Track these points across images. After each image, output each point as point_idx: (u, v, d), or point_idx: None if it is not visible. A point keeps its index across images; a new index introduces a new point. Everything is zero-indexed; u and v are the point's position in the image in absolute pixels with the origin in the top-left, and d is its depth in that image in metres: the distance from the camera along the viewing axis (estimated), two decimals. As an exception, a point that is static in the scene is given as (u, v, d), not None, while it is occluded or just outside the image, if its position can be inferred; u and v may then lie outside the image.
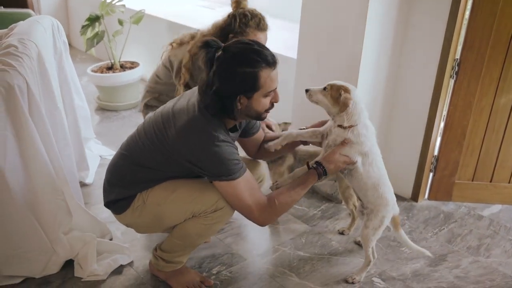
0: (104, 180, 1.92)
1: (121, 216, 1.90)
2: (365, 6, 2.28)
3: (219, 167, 1.68)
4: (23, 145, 1.87)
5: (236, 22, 2.25)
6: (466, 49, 2.41)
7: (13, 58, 1.86)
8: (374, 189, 1.92)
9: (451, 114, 2.54)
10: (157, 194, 1.81)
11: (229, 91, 1.64)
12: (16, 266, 1.97)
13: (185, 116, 1.70)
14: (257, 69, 1.61)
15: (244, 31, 2.23)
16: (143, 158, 1.78)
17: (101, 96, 3.87)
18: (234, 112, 1.69)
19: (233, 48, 1.64)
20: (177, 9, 4.57)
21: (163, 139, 1.72)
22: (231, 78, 1.62)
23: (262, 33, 2.28)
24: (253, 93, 1.65)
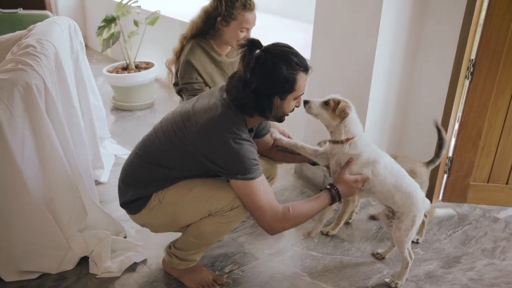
0: (119, 180, 1.94)
1: (136, 216, 1.91)
2: (379, 7, 2.27)
3: (238, 165, 1.69)
4: (40, 143, 1.91)
5: (222, 5, 2.23)
6: (481, 49, 2.39)
7: (31, 58, 1.90)
8: (399, 191, 1.89)
9: (466, 114, 2.52)
10: (173, 193, 1.82)
11: (268, 91, 1.69)
12: (33, 262, 2.01)
13: (207, 114, 1.72)
14: (296, 71, 1.68)
15: (232, 13, 2.21)
16: (160, 157, 1.80)
17: (116, 96, 3.92)
18: (271, 111, 1.73)
19: (275, 49, 1.69)
20: (192, 10, 4.59)
21: (183, 137, 1.74)
22: (273, 78, 1.66)
23: (250, 13, 2.25)
24: (288, 94, 1.71)
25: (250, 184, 1.71)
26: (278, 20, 4.20)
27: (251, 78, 1.66)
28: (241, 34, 2.28)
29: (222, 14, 2.23)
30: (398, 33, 2.42)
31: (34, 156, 1.90)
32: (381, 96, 2.52)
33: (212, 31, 2.32)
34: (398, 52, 2.48)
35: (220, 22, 2.25)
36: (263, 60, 1.65)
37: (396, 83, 2.56)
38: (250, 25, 2.28)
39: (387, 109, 2.60)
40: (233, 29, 2.26)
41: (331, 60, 2.60)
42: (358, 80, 2.48)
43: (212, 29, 2.31)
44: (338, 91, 2.55)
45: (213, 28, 2.30)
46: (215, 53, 2.36)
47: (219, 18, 2.25)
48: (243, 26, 2.25)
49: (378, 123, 2.59)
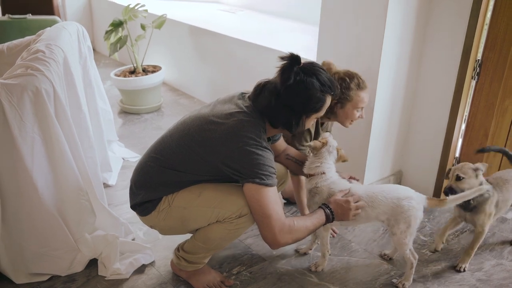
0: (131, 182, 1.94)
1: (146, 218, 1.93)
2: (384, 8, 2.28)
3: (257, 169, 1.70)
4: (49, 147, 1.93)
5: (337, 89, 2.12)
6: (488, 49, 2.39)
7: (41, 63, 1.92)
8: (376, 202, 1.95)
9: (473, 115, 2.52)
10: (183, 197, 1.84)
11: (300, 109, 1.75)
12: (43, 264, 2.04)
13: (230, 120, 1.74)
14: (327, 94, 1.78)
15: (348, 95, 2.16)
16: (175, 160, 1.81)
17: (124, 99, 3.95)
18: (298, 127, 1.79)
19: (312, 70, 1.75)
20: (198, 14, 4.64)
21: (202, 141, 1.75)
22: (307, 97, 1.73)
23: (364, 92, 2.20)
24: (314, 114, 1.81)
25: (264, 191, 1.72)
26: (284, 22, 4.21)
27: (285, 93, 1.71)
28: (357, 114, 2.22)
29: (338, 97, 2.13)
30: (403, 34, 2.42)
31: (44, 159, 1.92)
32: (387, 97, 2.52)
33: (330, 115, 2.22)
34: (404, 53, 2.48)
35: (335, 105, 2.17)
36: (301, 78, 1.70)
37: (403, 84, 2.57)
38: (365, 103, 2.22)
39: (393, 110, 2.60)
40: (349, 110, 2.20)
41: (337, 62, 2.60)
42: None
43: (330, 113, 2.20)
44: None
45: (331, 112, 2.20)
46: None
47: (334, 101, 2.15)
48: (359, 106, 2.20)
49: (385, 124, 2.60)
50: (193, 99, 4.23)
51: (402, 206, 1.92)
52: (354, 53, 2.49)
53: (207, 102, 4.05)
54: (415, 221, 1.94)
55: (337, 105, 2.20)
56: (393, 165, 2.78)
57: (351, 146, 2.50)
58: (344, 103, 2.19)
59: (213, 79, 4.01)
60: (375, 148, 2.59)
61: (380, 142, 2.62)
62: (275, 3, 4.56)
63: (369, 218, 1.98)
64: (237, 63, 3.71)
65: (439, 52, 2.48)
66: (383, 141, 2.65)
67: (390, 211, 1.94)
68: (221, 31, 3.84)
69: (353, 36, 2.48)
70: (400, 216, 1.93)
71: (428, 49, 2.52)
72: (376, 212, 1.95)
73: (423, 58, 2.55)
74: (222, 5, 5.13)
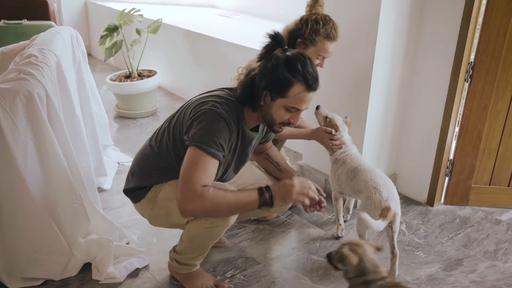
0: (129, 169, 1.99)
1: (137, 205, 1.97)
2: (377, 11, 2.29)
3: (201, 133, 1.64)
4: (42, 151, 1.93)
5: (307, 28, 2.19)
6: (480, 52, 2.40)
7: (33, 67, 1.93)
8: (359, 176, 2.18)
9: (466, 117, 2.53)
10: (168, 190, 1.85)
11: (261, 82, 1.69)
12: (36, 269, 2.03)
13: (209, 94, 1.80)
14: (294, 79, 1.64)
15: (314, 38, 2.17)
16: (165, 147, 1.83)
17: (119, 104, 3.96)
18: (258, 104, 1.73)
19: (291, 52, 1.69)
20: (194, 18, 4.65)
21: (184, 111, 1.79)
22: (270, 73, 1.66)
23: (331, 42, 2.19)
24: (278, 97, 1.68)
25: (199, 155, 1.62)
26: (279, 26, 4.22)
27: (259, 67, 1.71)
28: (316, 61, 2.24)
29: (304, 37, 2.20)
30: (396, 37, 2.43)
31: (37, 164, 1.92)
32: (381, 99, 2.53)
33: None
34: (397, 56, 2.49)
35: (299, 43, 2.22)
36: (275, 56, 1.67)
37: (396, 86, 2.58)
38: (327, 54, 2.24)
39: (387, 113, 2.61)
40: (310, 54, 2.20)
41: (331, 66, 2.61)
42: (358, 84, 2.50)
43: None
44: (338, 96, 2.59)
45: (293, 47, 2.25)
46: None
47: (299, 40, 2.22)
48: (320, 53, 2.22)
49: (379, 126, 2.60)
50: (189, 103, 4.23)
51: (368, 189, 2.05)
52: (347, 56, 2.50)
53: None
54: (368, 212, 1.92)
55: (301, 44, 2.21)
56: (388, 168, 2.79)
57: (345, 149, 2.50)
58: (307, 45, 2.20)
59: (209, 83, 4.01)
60: (369, 151, 2.60)
61: (374, 145, 2.63)
62: (270, 7, 4.58)
63: (354, 190, 2.19)
64: (232, 67, 3.68)
65: (432, 55, 2.49)
66: (377, 144, 2.66)
67: (362, 189, 2.10)
68: (216, 36, 3.85)
69: (346, 40, 2.48)
70: (363, 199, 2.07)
71: (421, 52, 2.53)
72: (358, 185, 2.13)
73: (416, 61, 2.56)
74: (218, 9, 5.15)
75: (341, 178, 2.27)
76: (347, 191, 2.27)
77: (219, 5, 5.24)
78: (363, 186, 2.11)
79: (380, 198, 1.99)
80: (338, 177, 2.28)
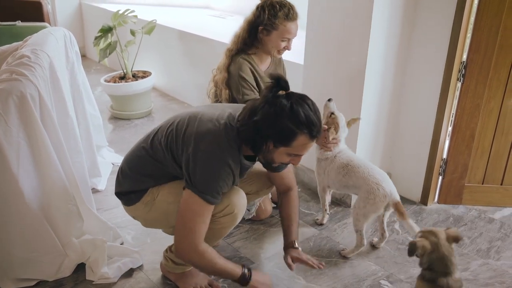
0: (118, 169, 1.96)
1: (130, 208, 1.94)
2: (369, 11, 2.30)
3: (204, 181, 1.67)
4: (35, 152, 1.93)
5: (265, 14, 2.22)
6: (472, 51, 2.42)
7: (26, 68, 1.93)
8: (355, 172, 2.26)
9: (459, 117, 2.54)
10: (168, 192, 1.84)
11: (265, 132, 1.63)
12: (30, 270, 2.03)
13: (209, 124, 1.71)
14: (299, 131, 1.61)
15: (274, 22, 2.20)
16: (160, 152, 1.81)
17: (114, 105, 3.96)
18: (261, 151, 1.70)
19: (296, 99, 1.63)
20: (188, 19, 4.66)
21: (179, 134, 1.75)
22: (274, 123, 1.61)
23: (292, 22, 2.23)
24: (281, 146, 1.66)
25: (202, 205, 1.69)
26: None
27: (259, 111, 1.63)
28: (282, 44, 2.27)
29: (264, 23, 2.23)
30: (389, 37, 2.44)
31: (30, 164, 1.92)
32: (374, 100, 2.54)
33: (256, 42, 2.32)
34: (390, 57, 2.51)
35: (261, 31, 2.24)
36: (279, 102, 1.60)
37: (389, 86, 2.59)
38: (291, 35, 2.27)
39: (380, 113, 2.62)
40: (274, 39, 2.25)
41: (324, 66, 2.63)
42: (351, 85, 2.51)
43: (255, 39, 2.31)
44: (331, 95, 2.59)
45: (256, 38, 2.30)
46: (257, 67, 2.38)
47: (260, 27, 2.24)
48: (284, 36, 2.24)
49: (372, 127, 2.62)
50: (184, 104, 4.24)
51: (370, 185, 2.12)
52: (340, 56, 2.51)
53: (197, 107, 4.00)
54: (370, 206, 2.12)
55: (263, 31, 2.23)
56: (382, 167, 2.76)
57: (339, 149, 2.51)
58: (269, 31, 2.23)
59: (204, 84, 3.96)
60: (363, 151, 2.60)
61: (368, 145, 2.64)
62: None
63: (347, 185, 2.25)
64: (226, 68, 3.71)
65: (425, 55, 2.51)
66: (371, 144, 2.67)
67: (361, 184, 2.16)
68: (211, 36, 3.86)
69: (340, 40, 2.50)
70: (363, 194, 2.14)
71: (414, 52, 2.54)
72: (352, 181, 2.20)
73: (409, 61, 2.58)
74: (212, 10, 5.15)
75: (330, 175, 2.29)
76: (337, 186, 2.32)
77: (213, 6, 5.25)
78: (361, 182, 2.16)
79: (384, 193, 2.11)
80: (328, 174, 2.31)
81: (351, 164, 2.22)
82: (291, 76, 2.70)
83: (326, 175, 2.33)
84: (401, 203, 2.13)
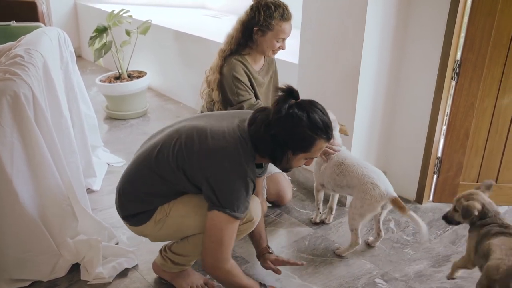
0: (118, 190, 1.87)
1: (139, 228, 1.87)
2: (364, 11, 2.30)
3: (233, 200, 1.68)
4: (29, 152, 1.92)
5: (261, 15, 2.23)
6: (466, 50, 2.42)
7: (19, 68, 1.92)
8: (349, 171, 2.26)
9: (454, 115, 2.55)
10: (180, 206, 1.81)
11: (285, 143, 1.67)
12: (24, 270, 2.02)
13: (223, 140, 1.69)
14: (317, 137, 1.66)
15: (269, 23, 2.21)
16: (166, 170, 1.75)
17: (109, 105, 3.95)
18: (281, 161, 1.72)
19: (308, 107, 1.65)
20: (184, 19, 4.65)
21: (191, 151, 1.70)
22: (294, 134, 1.65)
23: (287, 23, 2.25)
24: (300, 153, 1.71)
25: (231, 221, 1.69)
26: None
27: (274, 124, 1.64)
28: (277, 44, 2.28)
29: (260, 24, 2.23)
30: (383, 36, 2.45)
31: (24, 164, 1.91)
32: (369, 99, 2.54)
33: (250, 42, 2.32)
34: (385, 56, 2.51)
35: (256, 32, 2.25)
36: (293, 112, 1.62)
37: (384, 85, 2.59)
38: (286, 35, 2.28)
39: (375, 112, 2.63)
40: (269, 39, 2.26)
41: (319, 65, 2.63)
42: (346, 84, 2.51)
43: (250, 40, 2.32)
44: (326, 95, 2.60)
45: (251, 39, 2.31)
46: (251, 68, 2.38)
47: (255, 28, 2.25)
48: (279, 36, 2.25)
49: (367, 125, 2.62)
50: (179, 104, 4.24)
51: (365, 185, 2.12)
52: (335, 55, 2.52)
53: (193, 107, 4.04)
54: (367, 206, 2.12)
55: (258, 32, 2.23)
56: (377, 166, 2.75)
57: (334, 148, 2.51)
58: (265, 31, 2.23)
59: (199, 84, 3.98)
60: (358, 150, 2.61)
61: (363, 144, 2.65)
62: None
63: (341, 184, 2.24)
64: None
65: (419, 54, 2.51)
66: (366, 142, 2.67)
67: (355, 184, 2.16)
68: (206, 36, 3.86)
69: (334, 39, 2.50)
70: (359, 194, 2.13)
71: (408, 51, 2.55)
72: (346, 180, 2.19)
73: (404, 60, 2.58)
74: (208, 10, 5.15)
75: (325, 173, 2.30)
76: (331, 185, 2.31)
77: (209, 6, 5.25)
78: (355, 182, 2.16)
79: (380, 192, 2.11)
80: (323, 172, 2.31)
81: (346, 162, 2.22)
82: (286, 76, 2.72)
83: (322, 173, 2.33)
84: (399, 198, 2.13)
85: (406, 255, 2.27)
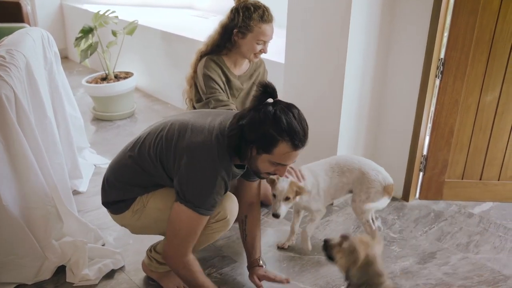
0: (104, 177, 1.92)
1: (118, 216, 1.92)
2: (348, 11, 2.31)
3: (196, 195, 1.68)
4: (12, 153, 1.90)
5: (240, 16, 2.22)
6: (450, 48, 2.45)
7: (1, 69, 1.90)
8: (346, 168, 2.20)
9: (438, 113, 2.57)
10: (158, 199, 1.83)
11: (249, 137, 1.64)
12: (8, 273, 2.00)
13: (201, 135, 1.70)
14: (280, 138, 1.61)
15: (248, 24, 2.19)
16: (147, 162, 1.79)
17: (96, 106, 3.92)
18: (245, 157, 1.70)
19: (281, 107, 1.62)
20: (171, 20, 4.63)
21: (169, 145, 1.73)
22: (257, 128, 1.62)
23: (267, 24, 2.23)
24: (263, 153, 1.66)
25: (193, 217, 1.69)
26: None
27: (245, 117, 1.65)
28: (258, 47, 2.26)
29: (239, 25, 2.21)
30: (368, 36, 2.46)
31: (6, 166, 1.89)
32: (354, 98, 2.55)
33: (229, 44, 2.30)
34: (370, 54, 2.52)
35: (236, 34, 2.23)
36: (265, 109, 1.61)
37: (369, 84, 2.61)
38: (267, 37, 2.25)
39: (361, 111, 2.64)
40: (249, 41, 2.24)
41: (304, 64, 2.64)
42: (331, 83, 2.52)
43: (229, 42, 2.29)
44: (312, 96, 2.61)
45: (230, 41, 2.29)
46: (227, 70, 2.36)
47: (235, 30, 2.23)
48: (260, 38, 2.23)
49: (353, 125, 2.63)
50: (167, 105, 4.22)
51: (368, 172, 2.12)
52: (320, 54, 2.53)
53: (181, 108, 4.01)
54: (374, 194, 2.11)
55: (238, 34, 2.22)
56: (363, 164, 2.81)
57: (321, 147, 2.52)
58: (244, 33, 2.22)
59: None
60: (344, 149, 2.62)
61: (349, 143, 2.66)
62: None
63: (341, 184, 2.18)
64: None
65: (404, 53, 2.53)
66: (352, 142, 2.68)
67: (357, 176, 2.14)
68: (193, 37, 3.84)
69: (319, 39, 2.51)
70: (363, 185, 2.12)
71: (392, 50, 2.57)
72: (346, 177, 2.15)
73: (389, 58, 2.60)
74: (195, 10, 5.14)
75: (330, 188, 2.19)
76: (338, 192, 2.23)
77: (196, 6, 5.23)
78: (357, 174, 2.15)
79: (383, 176, 2.14)
80: (327, 190, 2.19)
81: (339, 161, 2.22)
82: (272, 75, 2.71)
83: (324, 192, 2.20)
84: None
85: (392, 252, 2.28)
